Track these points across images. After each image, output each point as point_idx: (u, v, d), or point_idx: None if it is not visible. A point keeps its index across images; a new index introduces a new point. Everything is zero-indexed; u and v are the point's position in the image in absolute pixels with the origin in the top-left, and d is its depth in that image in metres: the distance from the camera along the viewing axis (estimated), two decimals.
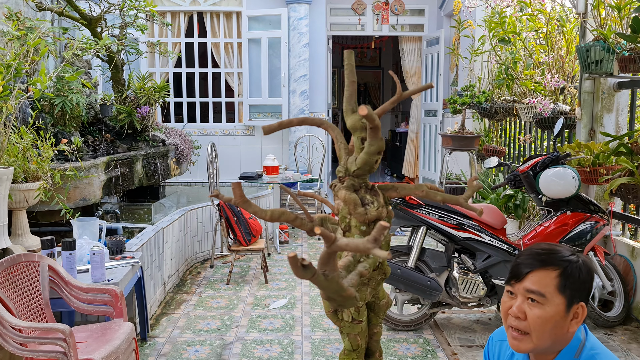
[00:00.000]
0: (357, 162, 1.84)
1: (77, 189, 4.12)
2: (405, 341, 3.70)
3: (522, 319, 1.48)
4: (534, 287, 1.46)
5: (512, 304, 1.52)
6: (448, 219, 3.76)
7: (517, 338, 1.50)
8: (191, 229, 5.27)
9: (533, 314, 1.46)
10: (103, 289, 2.81)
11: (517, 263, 1.55)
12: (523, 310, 1.48)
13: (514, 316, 1.50)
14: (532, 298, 1.48)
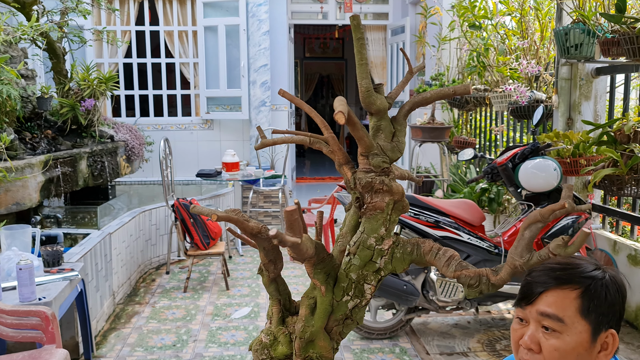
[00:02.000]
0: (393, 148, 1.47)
1: (9, 192, 3.65)
2: (381, 351, 3.39)
3: (535, 351, 1.19)
4: (549, 310, 1.17)
5: (524, 332, 1.22)
6: (424, 217, 3.46)
7: None
8: (144, 232, 4.84)
9: (549, 345, 1.16)
10: (30, 311, 2.40)
11: (527, 282, 1.25)
12: (537, 341, 1.18)
13: (526, 348, 1.20)
14: (546, 326, 1.18)
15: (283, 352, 1.19)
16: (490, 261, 3.45)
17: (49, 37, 4.86)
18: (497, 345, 3.44)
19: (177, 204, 4.49)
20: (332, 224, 5.46)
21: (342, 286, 1.38)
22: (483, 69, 4.99)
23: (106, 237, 3.90)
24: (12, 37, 4.15)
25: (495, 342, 3.49)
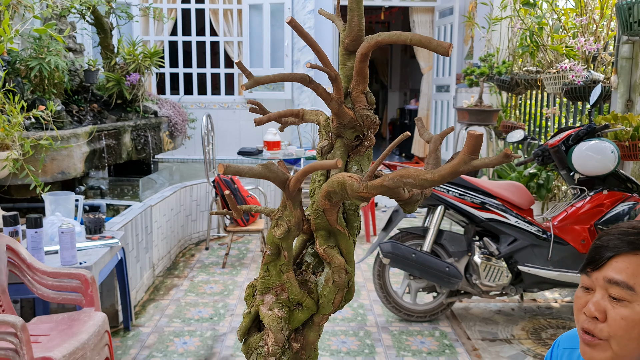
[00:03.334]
0: None
1: (55, 161, 3.70)
2: (420, 334, 3.30)
3: (600, 320, 1.09)
4: (619, 277, 1.06)
5: (588, 299, 1.12)
6: (469, 198, 3.33)
7: (591, 344, 1.10)
8: (185, 207, 4.86)
9: (616, 314, 1.06)
10: (71, 273, 2.41)
11: (596, 245, 1.14)
12: (603, 309, 1.08)
13: (590, 316, 1.10)
14: (613, 295, 1.07)
15: (302, 319, 1.08)
16: (538, 246, 3.30)
17: (97, 11, 4.91)
18: (543, 334, 3.30)
19: (217, 180, 4.48)
20: (372, 205, 5.37)
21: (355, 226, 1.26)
22: (536, 48, 4.77)
23: (147, 209, 3.92)
24: (61, 10, 4.20)
25: (540, 330, 3.34)
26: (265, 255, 1.02)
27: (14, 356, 1.95)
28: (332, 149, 1.05)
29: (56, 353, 2.01)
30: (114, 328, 3.29)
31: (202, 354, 3.03)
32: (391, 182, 0.95)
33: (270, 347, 1.05)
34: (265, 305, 1.06)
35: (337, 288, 1.05)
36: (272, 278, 1.03)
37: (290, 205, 0.98)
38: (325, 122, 1.08)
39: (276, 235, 0.99)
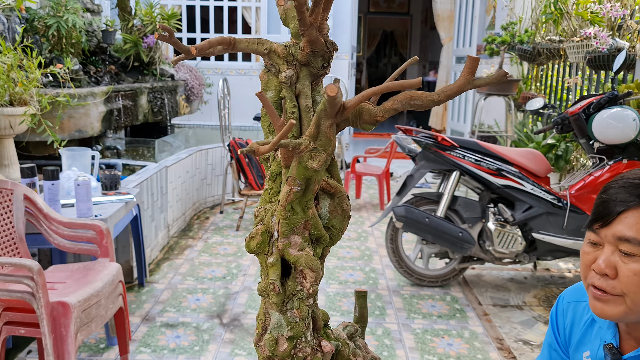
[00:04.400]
0: None
1: (72, 119, 3.73)
2: (431, 298, 3.30)
3: (611, 276, 1.04)
4: (629, 234, 1.01)
5: (597, 255, 1.07)
6: (485, 164, 3.29)
7: (602, 299, 1.06)
8: (200, 171, 4.89)
9: (628, 270, 1.02)
10: (87, 224, 2.44)
11: (603, 200, 1.08)
12: (613, 265, 1.03)
13: (600, 273, 1.05)
14: (624, 251, 1.03)
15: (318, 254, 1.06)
16: (554, 214, 3.27)
17: None
18: (555, 302, 3.28)
19: (233, 143, 4.49)
20: (387, 175, 5.35)
21: None
22: (560, 16, 4.65)
23: (163, 170, 3.94)
24: None
25: (552, 299, 3.33)
26: (291, 193, 0.96)
27: (31, 299, 1.99)
28: (299, 78, 1.01)
29: (71, 298, 2.05)
30: (128, 284, 3.35)
31: (215, 310, 3.07)
32: (400, 105, 0.94)
33: (310, 287, 1.01)
34: (294, 247, 1.00)
35: (345, 216, 1.04)
36: (298, 216, 0.98)
37: (331, 133, 0.94)
38: (285, 50, 1.01)
39: (313, 168, 0.93)
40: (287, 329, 0.99)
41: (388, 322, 2.97)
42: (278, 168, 1.03)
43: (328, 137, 0.94)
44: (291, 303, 1.00)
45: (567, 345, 1.31)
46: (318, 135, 0.94)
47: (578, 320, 1.29)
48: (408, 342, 2.76)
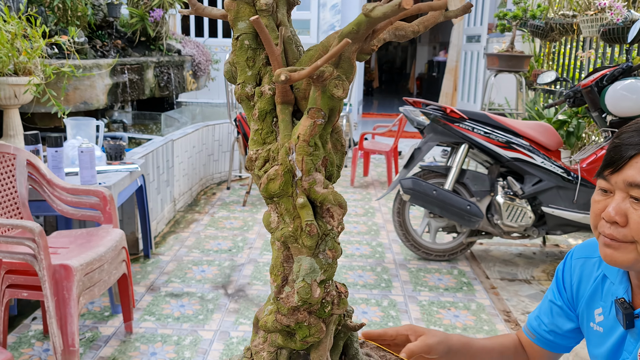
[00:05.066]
0: None
1: (78, 91, 3.70)
2: (438, 271, 3.27)
3: (621, 224, 0.98)
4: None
5: (607, 204, 1.02)
6: (494, 136, 3.24)
7: (611, 245, 1.01)
8: (207, 146, 4.86)
9: (638, 216, 0.96)
10: (90, 190, 2.42)
11: (615, 145, 1.02)
12: (624, 212, 0.98)
13: (610, 221, 1.00)
14: (635, 197, 0.98)
15: None
16: (564, 188, 3.21)
17: None
18: None
19: (239, 118, 4.45)
20: (396, 152, 5.29)
21: None
22: None
23: (169, 143, 3.92)
24: None
25: None
26: (316, 126, 0.87)
27: (32, 261, 1.98)
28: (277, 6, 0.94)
29: (74, 261, 2.04)
30: (134, 255, 3.34)
31: (220, 281, 3.06)
32: (387, 35, 0.88)
33: (339, 225, 0.93)
34: (319, 185, 0.91)
35: (343, 152, 0.99)
36: (320, 152, 0.91)
37: (354, 59, 0.88)
38: None
39: (339, 96, 0.86)
40: (320, 273, 0.91)
41: (394, 294, 2.94)
42: (268, 105, 0.96)
43: (351, 63, 0.87)
44: (324, 244, 0.92)
45: (572, 301, 1.26)
46: (339, 62, 0.88)
47: (587, 276, 1.24)
48: (414, 314, 2.74)
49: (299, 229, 0.88)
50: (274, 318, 0.89)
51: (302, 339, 0.89)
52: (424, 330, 1.15)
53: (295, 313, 0.87)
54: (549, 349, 1.29)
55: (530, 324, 1.31)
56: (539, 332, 1.28)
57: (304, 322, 0.88)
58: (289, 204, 0.91)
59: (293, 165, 0.89)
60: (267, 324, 0.90)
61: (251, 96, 0.95)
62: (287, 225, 0.90)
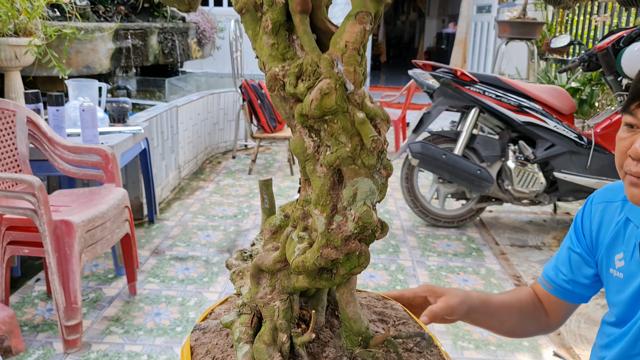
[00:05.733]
0: None
1: (80, 54, 3.63)
2: (446, 237, 3.22)
3: None
4: None
5: (633, 140, 0.96)
6: (506, 100, 3.15)
7: (638, 184, 0.96)
8: (212, 115, 4.79)
9: None
10: (92, 148, 2.37)
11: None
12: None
13: (636, 158, 0.95)
14: None
15: None
16: (577, 153, 3.13)
17: None
18: None
19: (245, 84, 4.37)
20: (404, 121, 5.21)
21: None
22: None
23: (173, 109, 3.85)
24: None
25: None
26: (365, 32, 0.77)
27: (33, 216, 1.93)
28: None
29: (75, 218, 1.99)
30: (138, 220, 3.31)
31: (225, 245, 3.02)
32: None
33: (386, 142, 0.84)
34: (367, 99, 0.82)
35: None
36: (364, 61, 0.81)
37: None
38: None
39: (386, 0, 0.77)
40: (377, 194, 0.82)
41: (402, 259, 2.89)
42: (281, 16, 0.88)
43: None
44: (379, 163, 0.83)
45: (592, 247, 1.20)
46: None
47: (608, 221, 1.18)
48: (422, 278, 2.69)
49: (357, 148, 0.79)
50: (317, 255, 0.78)
51: (348, 271, 0.79)
52: (443, 291, 1.08)
53: (348, 243, 0.77)
54: (567, 299, 1.23)
55: (547, 275, 1.25)
56: (557, 282, 1.22)
57: (355, 251, 0.78)
58: (345, 120, 0.79)
59: (342, 78, 0.79)
60: (307, 263, 0.80)
61: (259, 5, 0.87)
62: (342, 146, 0.80)
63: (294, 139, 0.80)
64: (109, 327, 2.20)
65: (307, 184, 0.82)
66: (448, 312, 1.05)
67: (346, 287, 0.83)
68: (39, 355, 2.00)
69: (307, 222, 0.80)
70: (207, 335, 0.89)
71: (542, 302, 1.27)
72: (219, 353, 0.85)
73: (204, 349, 0.86)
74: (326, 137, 0.77)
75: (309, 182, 0.81)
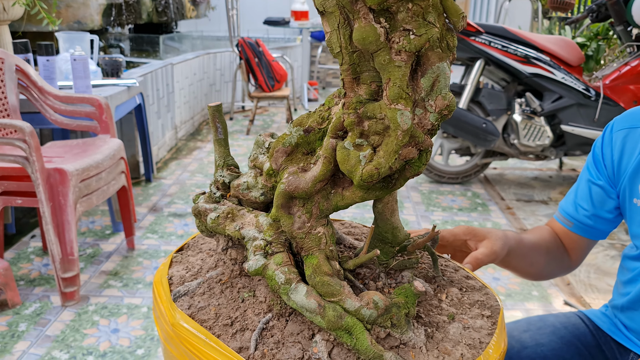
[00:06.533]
0: None
1: (70, 9, 3.50)
2: (451, 193, 3.15)
3: None
4: None
5: None
6: (513, 50, 3.05)
7: None
8: (208, 75, 4.67)
9: None
10: (84, 97, 2.27)
11: None
12: None
13: None
14: None
15: None
16: (585, 106, 3.05)
17: None
18: None
19: (241, 42, 4.25)
20: None
21: None
22: None
23: (168, 66, 3.74)
24: None
25: None
26: None
27: (25, 163, 1.85)
28: None
29: (69, 166, 1.91)
30: (135, 179, 3.22)
31: None
32: None
33: None
34: None
35: None
36: None
37: None
38: None
39: None
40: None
41: (406, 214, 2.83)
42: None
43: None
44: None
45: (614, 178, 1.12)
46: None
47: (631, 148, 1.09)
48: None
49: (443, 28, 0.69)
50: (394, 157, 0.68)
51: (414, 172, 0.70)
52: (484, 234, 1.00)
53: (427, 138, 0.69)
54: (587, 235, 1.16)
55: (566, 211, 1.17)
56: (578, 218, 1.15)
57: (428, 147, 0.70)
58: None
59: None
60: (382, 169, 0.69)
61: None
62: (431, 27, 0.70)
63: (358, 28, 0.68)
64: (107, 280, 2.14)
65: (356, 84, 0.71)
66: (492, 258, 0.97)
67: (392, 196, 0.75)
68: (36, 308, 1.94)
69: (363, 127, 0.71)
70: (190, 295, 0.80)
71: (562, 241, 1.20)
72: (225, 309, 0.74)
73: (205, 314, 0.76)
74: (406, 19, 0.67)
75: (357, 82, 0.70)
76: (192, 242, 0.88)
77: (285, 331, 0.70)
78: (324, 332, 0.69)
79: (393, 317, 0.69)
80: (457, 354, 0.67)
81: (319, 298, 0.68)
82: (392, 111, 0.66)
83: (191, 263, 0.83)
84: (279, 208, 0.71)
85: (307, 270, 0.69)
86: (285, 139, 0.73)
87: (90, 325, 1.84)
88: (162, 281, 0.76)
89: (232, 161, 0.79)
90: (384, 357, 0.65)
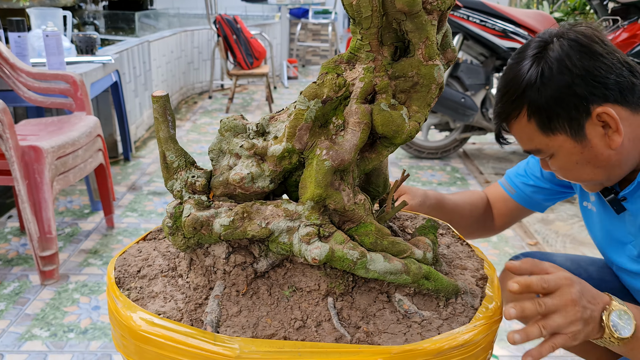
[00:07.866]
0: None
1: None
2: (430, 168, 3.17)
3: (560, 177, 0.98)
4: (531, 147, 0.95)
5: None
6: (491, 25, 3.05)
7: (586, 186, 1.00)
8: (186, 53, 4.61)
9: (554, 169, 0.95)
10: (58, 74, 2.23)
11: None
12: (549, 169, 0.98)
13: None
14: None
15: None
16: None
17: None
18: None
19: (219, 19, 4.19)
20: None
21: None
22: None
23: (145, 44, 3.68)
24: None
25: None
26: None
27: None
28: None
29: (44, 144, 1.88)
30: (113, 158, 3.19)
31: None
32: None
33: None
34: None
35: None
36: None
37: None
38: None
39: None
40: None
41: None
42: None
43: None
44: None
45: None
46: None
47: None
48: None
49: None
50: (427, 110, 0.72)
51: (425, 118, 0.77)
52: (405, 190, 1.10)
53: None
54: (526, 205, 1.21)
55: (511, 180, 1.22)
56: (522, 188, 1.19)
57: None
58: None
59: None
60: (421, 122, 0.72)
61: None
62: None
63: None
64: (87, 259, 2.12)
65: (382, 48, 0.70)
66: (408, 210, 1.06)
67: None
68: (14, 287, 1.92)
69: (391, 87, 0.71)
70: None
71: (493, 206, 1.24)
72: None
73: None
74: None
75: (382, 45, 0.70)
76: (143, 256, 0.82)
77: (359, 306, 0.70)
78: (400, 290, 0.71)
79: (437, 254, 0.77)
80: (471, 267, 0.80)
81: (396, 259, 0.70)
82: (428, 67, 0.68)
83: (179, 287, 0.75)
84: (327, 187, 0.67)
85: (366, 238, 0.70)
86: (305, 115, 0.69)
87: (70, 303, 1.84)
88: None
89: (191, 158, 0.73)
90: (459, 286, 0.72)
